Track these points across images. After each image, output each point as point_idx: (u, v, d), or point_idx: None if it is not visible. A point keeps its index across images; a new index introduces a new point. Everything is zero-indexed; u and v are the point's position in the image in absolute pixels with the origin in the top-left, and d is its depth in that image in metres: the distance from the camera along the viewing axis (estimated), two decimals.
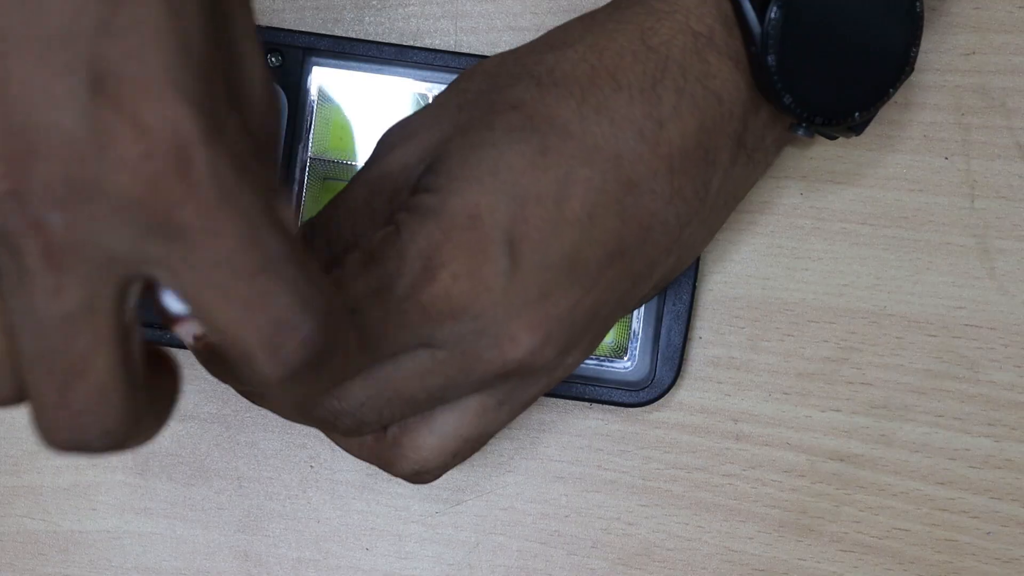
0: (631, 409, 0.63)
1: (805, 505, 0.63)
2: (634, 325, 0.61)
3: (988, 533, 0.63)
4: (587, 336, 0.54)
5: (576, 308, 0.53)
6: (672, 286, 0.61)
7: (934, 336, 0.63)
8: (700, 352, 0.63)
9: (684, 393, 0.63)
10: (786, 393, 0.63)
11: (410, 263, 0.51)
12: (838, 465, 0.63)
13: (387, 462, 0.55)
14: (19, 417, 0.62)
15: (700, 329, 0.63)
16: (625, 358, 0.62)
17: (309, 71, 0.60)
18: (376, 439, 0.55)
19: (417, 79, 0.60)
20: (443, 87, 0.60)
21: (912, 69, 0.55)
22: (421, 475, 0.55)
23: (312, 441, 0.63)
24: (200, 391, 0.62)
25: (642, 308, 0.61)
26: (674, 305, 0.61)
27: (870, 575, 0.63)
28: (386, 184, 0.54)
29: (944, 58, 0.62)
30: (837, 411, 0.63)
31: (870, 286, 0.63)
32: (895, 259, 0.63)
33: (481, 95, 0.54)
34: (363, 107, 0.61)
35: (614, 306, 0.54)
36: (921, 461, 0.63)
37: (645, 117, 0.53)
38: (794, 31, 0.53)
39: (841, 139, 0.62)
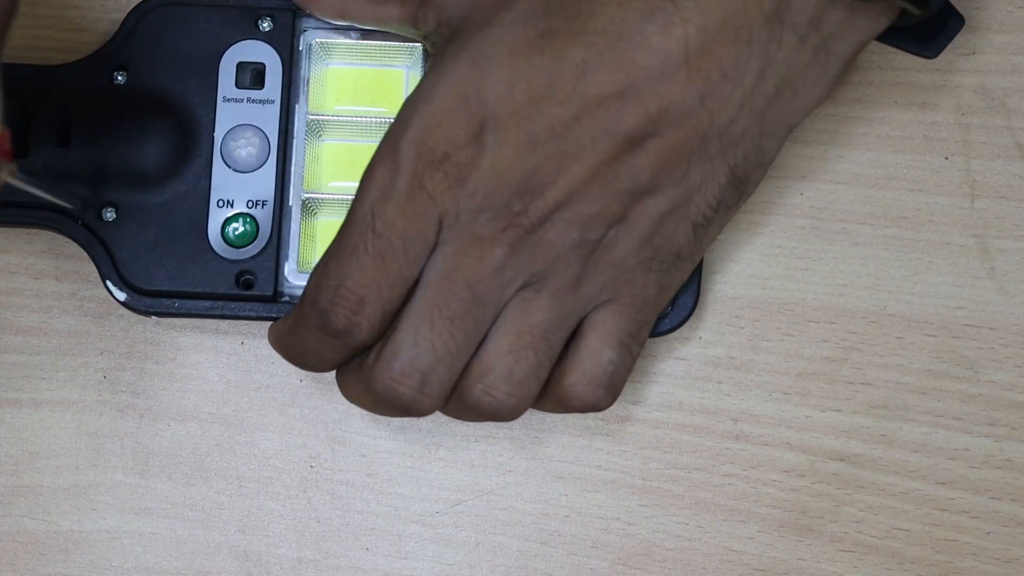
0: (632, 406, 0.63)
1: (805, 505, 0.63)
2: None
3: (988, 533, 0.63)
4: (614, 210, 0.54)
5: (572, 177, 0.54)
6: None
7: (934, 336, 0.63)
8: (700, 352, 0.63)
9: (684, 393, 0.63)
10: (786, 393, 0.63)
11: (404, 153, 0.54)
12: (838, 465, 0.63)
13: (460, 391, 0.56)
14: (19, 417, 0.62)
15: (700, 329, 0.63)
16: None
17: (301, 32, 0.60)
18: (457, 391, 0.57)
19: (409, 38, 0.60)
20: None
21: None
22: (490, 391, 0.56)
23: (312, 441, 0.63)
24: (200, 391, 0.62)
25: None
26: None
27: (870, 575, 0.63)
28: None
29: (944, 58, 0.62)
30: (837, 411, 0.63)
31: (870, 286, 0.63)
32: (895, 259, 0.63)
33: None
34: (355, 67, 0.61)
35: (646, 186, 0.54)
36: (921, 461, 0.63)
37: None
38: None
39: (841, 140, 0.62)
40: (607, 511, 0.63)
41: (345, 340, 0.56)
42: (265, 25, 0.60)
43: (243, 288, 0.60)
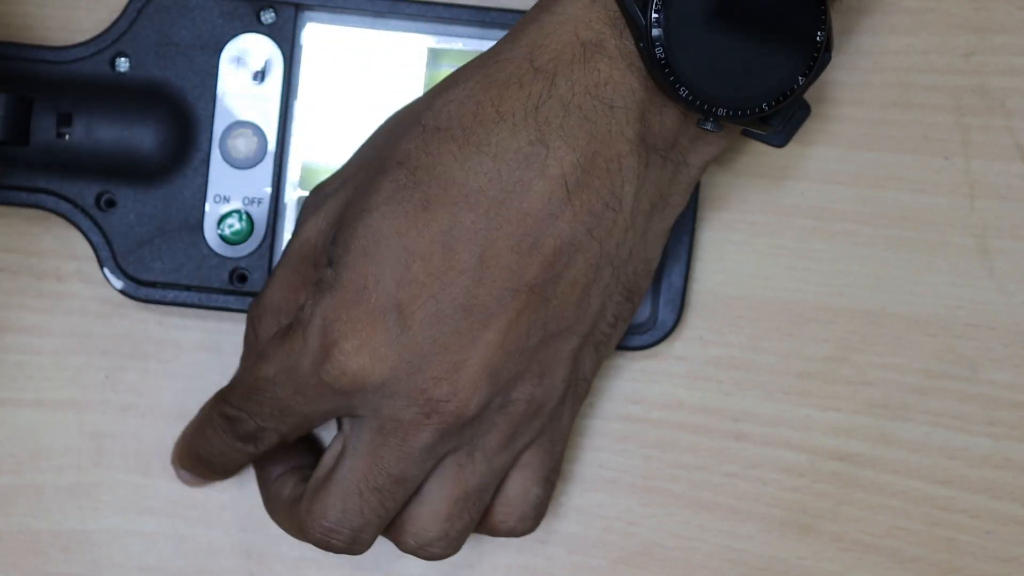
0: (632, 405, 0.63)
1: (805, 504, 0.63)
2: None
3: (987, 532, 0.63)
4: (532, 368, 0.54)
5: (486, 348, 0.53)
6: (672, 229, 0.60)
7: (934, 336, 0.63)
8: (700, 352, 0.63)
9: (684, 392, 0.63)
10: (786, 393, 0.63)
11: (311, 340, 0.54)
12: (838, 464, 0.63)
13: (393, 539, 0.58)
14: (22, 417, 0.63)
15: (700, 329, 0.63)
16: None
17: (302, 27, 0.60)
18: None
19: (412, 31, 0.60)
20: (438, 39, 0.60)
21: (829, 56, 0.53)
22: (425, 548, 0.57)
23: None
24: (202, 391, 0.62)
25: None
26: (674, 248, 0.61)
27: (870, 574, 0.63)
28: (307, 252, 0.57)
29: (944, 58, 0.62)
30: (837, 411, 0.63)
31: (870, 286, 0.63)
32: (895, 259, 0.63)
33: (377, 152, 0.55)
34: (358, 62, 0.61)
35: (555, 332, 0.54)
36: (921, 461, 0.63)
37: (529, 143, 0.52)
38: (682, 21, 0.51)
39: (842, 140, 0.62)
40: (608, 510, 0.63)
41: (248, 447, 0.58)
42: (267, 17, 0.60)
43: (237, 282, 0.60)
